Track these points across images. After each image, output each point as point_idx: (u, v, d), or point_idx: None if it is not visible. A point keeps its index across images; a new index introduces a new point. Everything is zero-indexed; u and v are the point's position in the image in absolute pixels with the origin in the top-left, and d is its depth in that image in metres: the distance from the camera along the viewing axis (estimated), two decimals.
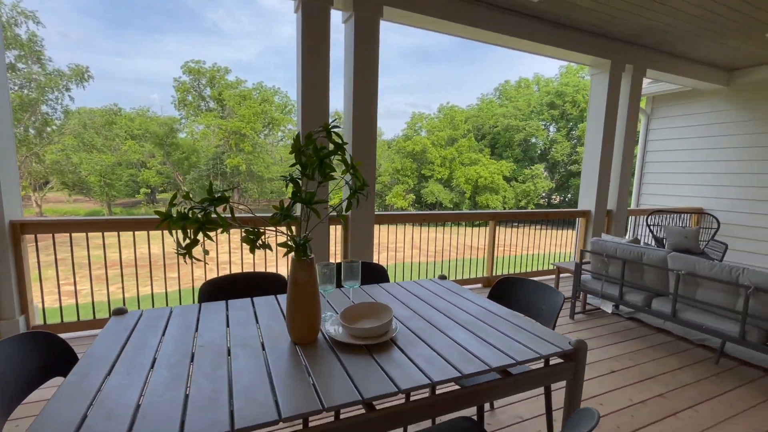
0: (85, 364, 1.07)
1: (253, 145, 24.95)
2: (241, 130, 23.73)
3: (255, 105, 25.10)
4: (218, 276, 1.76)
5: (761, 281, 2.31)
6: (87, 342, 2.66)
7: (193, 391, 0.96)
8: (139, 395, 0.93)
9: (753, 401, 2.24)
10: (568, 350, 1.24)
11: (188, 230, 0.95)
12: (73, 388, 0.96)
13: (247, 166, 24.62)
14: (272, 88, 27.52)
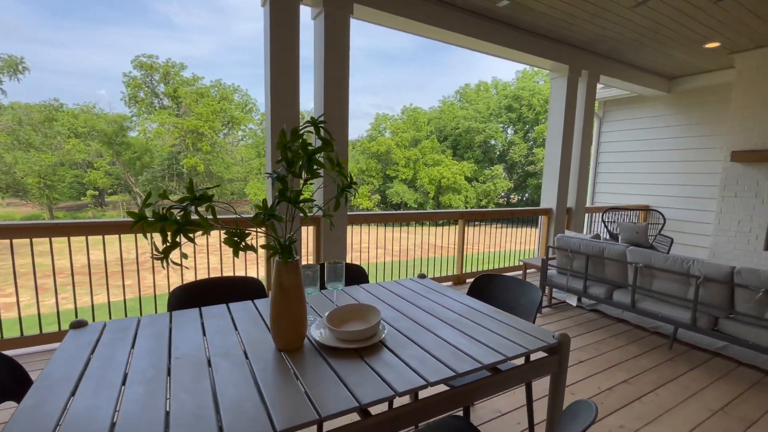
0: (43, 386, 0.95)
1: (212, 144, 23.93)
2: (199, 128, 22.68)
3: (213, 103, 24.09)
4: (189, 281, 1.64)
5: (709, 271, 2.52)
6: (35, 360, 2.41)
7: (174, 407, 0.88)
8: (112, 416, 0.84)
9: (705, 382, 2.43)
10: (553, 344, 1.27)
11: (167, 233, 0.87)
12: (32, 414, 0.84)
13: (205, 167, 23.57)
14: (232, 85, 26.56)
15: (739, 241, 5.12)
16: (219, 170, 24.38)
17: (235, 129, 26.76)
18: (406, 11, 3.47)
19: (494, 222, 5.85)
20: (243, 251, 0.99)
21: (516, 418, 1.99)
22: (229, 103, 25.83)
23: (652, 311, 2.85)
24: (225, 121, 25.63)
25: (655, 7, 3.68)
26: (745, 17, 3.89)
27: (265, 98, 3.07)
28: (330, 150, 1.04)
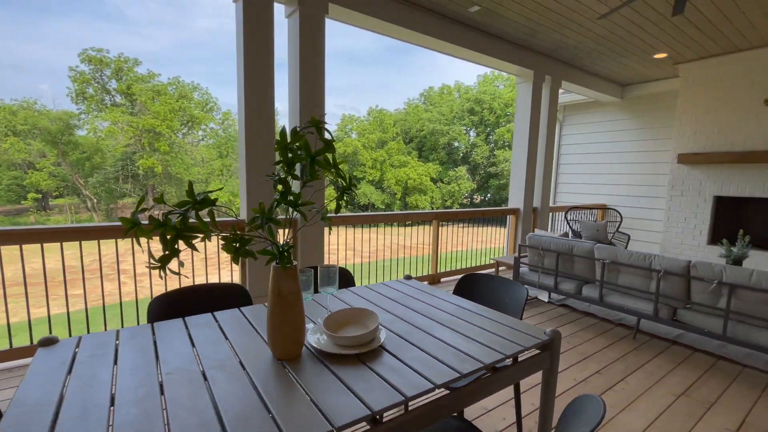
0: (17, 414, 0.85)
1: (170, 144, 22.76)
2: (156, 128, 21.49)
3: (171, 101, 22.93)
4: (169, 290, 1.55)
5: (668, 266, 2.71)
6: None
7: (174, 427, 0.82)
8: None
9: (667, 368, 2.61)
10: (545, 340, 1.31)
11: (168, 240, 0.81)
12: None
13: (163, 168, 22.38)
14: (191, 83, 25.40)
15: (685, 236, 5.56)
16: (178, 171, 23.24)
17: (195, 129, 25.62)
18: (382, 13, 3.47)
19: (460, 222, 5.98)
20: (244, 257, 0.94)
21: (502, 414, 2.04)
22: (189, 101, 24.70)
23: (618, 304, 3.02)
24: (184, 120, 24.49)
25: (612, 18, 3.92)
26: (689, 31, 4.24)
27: (238, 97, 2.96)
28: (332, 151, 1.01)
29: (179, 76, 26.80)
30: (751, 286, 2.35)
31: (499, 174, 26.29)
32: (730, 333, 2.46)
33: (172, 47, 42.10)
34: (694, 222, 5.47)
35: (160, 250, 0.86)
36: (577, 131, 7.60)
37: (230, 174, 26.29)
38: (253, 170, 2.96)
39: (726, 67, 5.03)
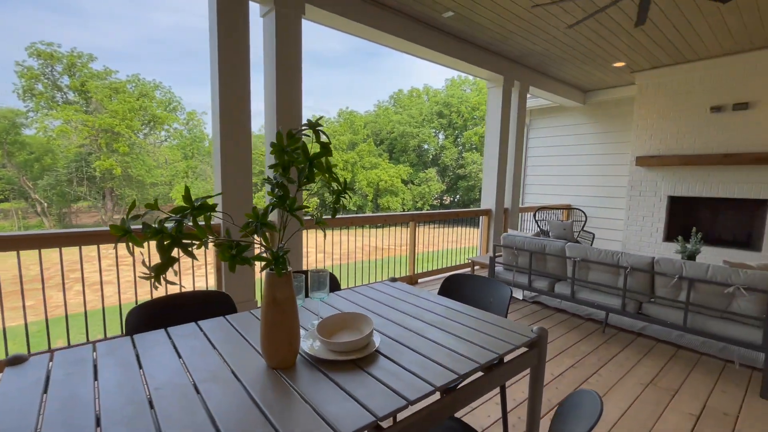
0: None
1: (130, 145, 21.62)
2: (114, 127, 20.36)
3: (131, 100, 21.81)
4: (149, 299, 1.46)
5: (634, 262, 2.87)
6: None
7: None
8: None
9: (635, 359, 2.76)
10: (533, 338, 1.36)
11: (165, 248, 0.77)
12: None
13: (123, 170, 21.22)
14: (152, 81, 24.27)
15: (644, 234, 5.92)
16: (139, 173, 22.12)
17: (157, 129, 24.48)
18: (359, 16, 3.47)
19: (432, 223, 6.06)
20: (240, 264, 0.91)
21: (486, 411, 2.08)
22: (150, 100, 23.59)
23: (588, 300, 3.17)
24: (145, 120, 23.35)
25: (577, 28, 4.12)
26: (644, 42, 4.53)
27: (212, 97, 2.86)
28: (329, 154, 1.00)
29: (139, 74, 25.54)
30: (708, 279, 2.54)
31: (468, 176, 26.89)
32: (690, 324, 2.64)
33: (130, 43, 39.98)
34: (651, 220, 5.84)
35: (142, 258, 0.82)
36: (543, 135, 7.92)
37: (196, 176, 25.32)
38: (228, 172, 2.87)
39: (676, 76, 5.42)
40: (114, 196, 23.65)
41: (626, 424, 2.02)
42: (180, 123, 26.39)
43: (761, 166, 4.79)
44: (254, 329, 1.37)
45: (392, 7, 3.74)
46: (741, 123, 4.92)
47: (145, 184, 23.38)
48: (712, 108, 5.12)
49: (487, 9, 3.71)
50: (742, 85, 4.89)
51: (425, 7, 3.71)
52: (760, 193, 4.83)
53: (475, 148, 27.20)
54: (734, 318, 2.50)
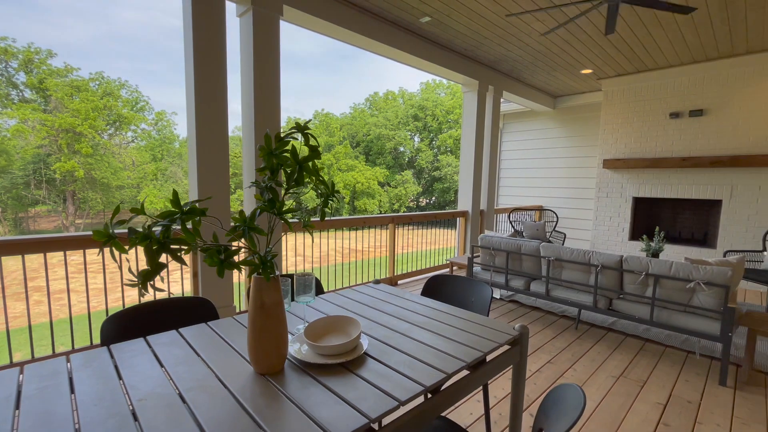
0: None
1: (94, 146, 20.60)
2: (76, 127, 19.35)
3: (94, 99, 20.80)
4: (125, 307, 1.40)
5: (604, 261, 3.01)
6: None
7: None
8: None
9: (606, 353, 2.89)
10: (516, 336, 1.40)
11: (153, 254, 0.74)
12: None
13: (86, 172, 20.20)
14: (117, 80, 23.26)
15: (611, 233, 6.20)
16: (104, 176, 21.12)
17: (123, 129, 23.44)
18: (338, 18, 3.47)
19: (408, 225, 6.12)
20: (229, 269, 0.89)
21: (468, 409, 2.12)
22: (115, 99, 22.57)
23: (562, 298, 3.29)
24: (110, 119, 22.32)
25: (548, 36, 4.28)
26: (610, 51, 4.76)
27: (187, 98, 2.78)
28: (318, 158, 1.00)
29: (103, 72, 24.44)
30: (671, 275, 2.69)
31: (443, 178, 27.25)
32: (656, 318, 2.79)
33: (92, 39, 38.12)
34: (618, 220, 6.12)
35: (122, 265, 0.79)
36: (516, 138, 8.16)
37: (166, 178, 24.40)
38: (205, 175, 2.79)
39: (639, 83, 5.72)
40: (76, 199, 22.45)
41: (600, 416, 2.11)
42: (148, 123, 25.41)
43: (716, 169, 5.12)
44: (239, 335, 1.34)
45: (371, 11, 3.76)
46: (697, 128, 5.24)
47: (111, 186, 22.33)
48: (671, 114, 5.43)
49: (462, 15, 3.79)
50: (697, 93, 5.22)
51: (403, 12, 3.76)
52: (714, 194, 5.16)
53: (450, 151, 27.64)
54: (695, 311, 2.66)
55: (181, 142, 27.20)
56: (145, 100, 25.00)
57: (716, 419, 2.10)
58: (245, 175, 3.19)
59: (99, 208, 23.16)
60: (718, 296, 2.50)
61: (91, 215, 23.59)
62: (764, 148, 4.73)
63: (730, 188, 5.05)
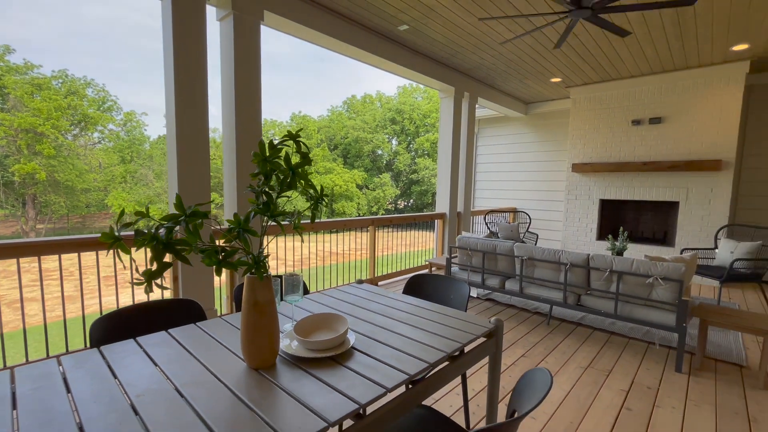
0: None
1: (57, 147, 19.65)
2: (37, 128, 18.41)
3: (58, 97, 19.86)
4: (114, 309, 1.42)
5: (573, 259, 3.20)
6: None
7: None
8: None
9: (575, 346, 3.07)
10: (491, 328, 1.51)
11: (160, 254, 0.79)
12: None
13: (49, 174, 19.23)
14: (83, 78, 22.30)
15: (580, 234, 6.51)
16: (68, 178, 20.16)
17: (89, 130, 22.46)
18: (318, 25, 3.53)
19: (387, 227, 6.22)
20: (227, 269, 0.95)
21: (448, 402, 2.23)
22: (80, 98, 21.62)
23: (535, 295, 3.46)
24: (75, 120, 21.35)
25: (520, 46, 4.49)
26: (576, 61, 5.03)
27: (167, 101, 2.77)
28: (309, 164, 1.07)
29: (66, 69, 23.29)
30: (633, 272, 2.90)
31: (421, 181, 27.57)
32: (619, 312, 2.99)
33: (55, 36, 36.34)
34: (586, 221, 6.44)
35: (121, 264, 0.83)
36: (491, 143, 8.42)
37: (135, 181, 23.53)
38: (185, 177, 2.78)
39: (604, 92, 6.06)
40: (37, 203, 21.31)
41: (570, 403, 2.26)
42: (116, 124, 24.45)
43: (673, 173, 5.49)
44: (228, 334, 1.39)
45: (351, 18, 3.84)
46: (656, 135, 5.61)
47: (76, 189, 21.34)
48: (633, 121, 5.79)
49: (438, 24, 3.94)
50: (656, 102, 5.58)
51: (382, 20, 3.86)
52: (672, 196, 5.53)
53: (428, 154, 27.99)
54: (654, 305, 2.88)
55: (152, 144, 26.33)
56: (113, 100, 24.07)
57: (672, 402, 2.29)
58: (226, 177, 3.20)
59: (63, 212, 22.08)
60: (674, 290, 2.72)
61: (54, 219, 22.43)
62: (715, 154, 5.12)
63: (686, 191, 5.43)
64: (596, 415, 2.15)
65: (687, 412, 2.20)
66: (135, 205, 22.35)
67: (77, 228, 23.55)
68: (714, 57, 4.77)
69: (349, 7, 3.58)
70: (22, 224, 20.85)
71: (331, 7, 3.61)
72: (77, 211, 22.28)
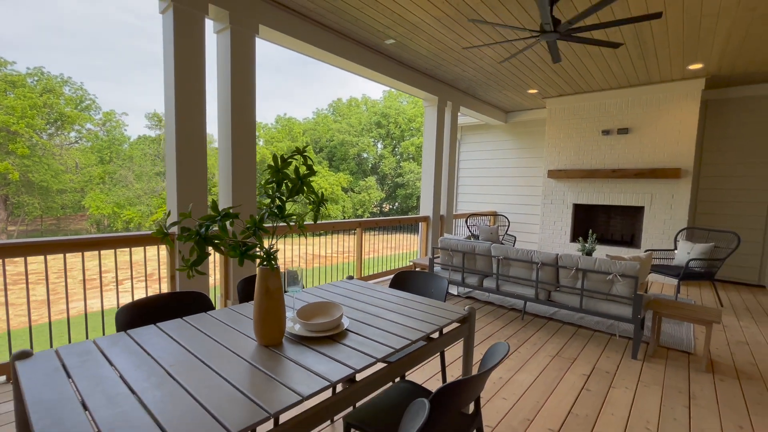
0: (41, 410, 0.94)
1: (32, 147, 19.13)
2: (10, 126, 17.90)
3: (33, 95, 19.36)
4: (135, 299, 1.60)
5: (543, 258, 3.50)
6: None
7: (204, 399, 1.01)
8: (152, 418, 0.93)
9: (545, 338, 3.36)
10: (465, 315, 1.75)
11: (205, 247, 1.00)
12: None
13: (22, 174, 18.70)
14: (59, 76, 21.79)
15: (555, 236, 6.89)
16: (43, 179, 19.64)
17: (65, 129, 21.92)
18: (309, 37, 3.75)
19: (373, 230, 6.45)
20: (249, 260, 1.16)
21: (433, 385, 2.46)
22: (57, 96, 21.10)
23: (510, 291, 3.75)
24: (51, 118, 20.82)
25: (497, 59, 4.80)
26: (551, 75, 5.39)
27: (166, 109, 2.94)
28: (314, 174, 1.29)
29: (42, 67, 22.69)
30: (596, 269, 3.21)
31: (406, 184, 27.91)
32: (584, 306, 3.30)
33: (28, 31, 35.23)
34: (561, 225, 6.82)
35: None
36: (472, 149, 8.76)
37: (114, 182, 23.04)
38: (184, 181, 2.94)
39: (576, 103, 6.46)
40: (9, 204, 20.65)
41: (538, 386, 2.53)
42: (95, 123, 23.93)
43: (639, 180, 5.92)
44: (237, 321, 1.59)
45: (340, 31, 4.07)
46: (624, 144, 6.03)
47: (51, 190, 20.77)
48: (603, 131, 6.20)
49: (423, 40, 4.21)
50: (624, 114, 6.01)
51: (370, 35, 4.11)
52: (638, 201, 5.95)
53: (413, 158, 28.35)
54: (614, 299, 3.19)
55: (132, 144, 25.82)
56: (92, 99, 23.57)
57: (626, 384, 2.59)
58: (221, 182, 3.36)
59: (36, 213, 21.43)
60: (630, 286, 3.04)
61: (27, 221, 21.75)
62: (675, 163, 5.56)
63: (650, 196, 5.85)
64: (559, 395, 2.43)
65: (638, 391, 2.50)
66: (113, 207, 21.88)
67: (51, 230, 22.85)
68: (673, 74, 5.20)
69: (339, 22, 3.82)
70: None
71: (322, 22, 3.84)
72: (52, 212, 21.66)
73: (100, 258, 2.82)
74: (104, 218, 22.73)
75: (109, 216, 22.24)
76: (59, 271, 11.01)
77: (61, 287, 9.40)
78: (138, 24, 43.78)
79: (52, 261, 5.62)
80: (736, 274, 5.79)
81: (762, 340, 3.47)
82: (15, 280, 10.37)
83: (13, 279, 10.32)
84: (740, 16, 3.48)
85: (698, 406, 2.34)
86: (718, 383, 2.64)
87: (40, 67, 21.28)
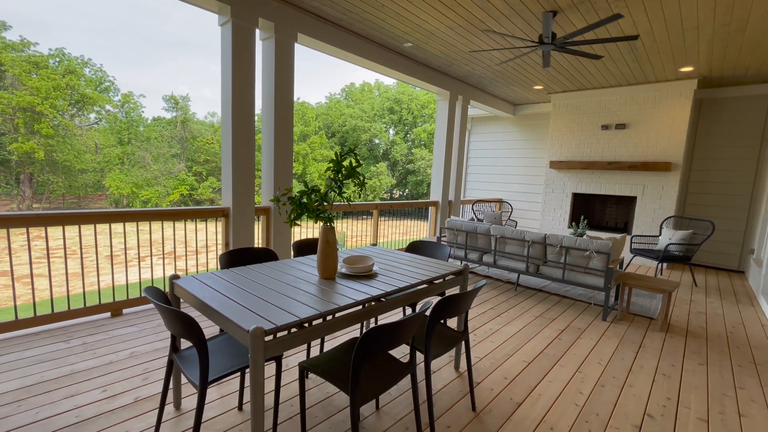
0: (237, 307, 1.61)
1: (55, 127, 19.94)
2: (35, 107, 18.68)
3: (56, 76, 20.05)
4: (232, 249, 2.26)
5: (533, 237, 4.11)
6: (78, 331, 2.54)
7: (288, 303, 1.67)
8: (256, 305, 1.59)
9: (533, 304, 4.00)
10: (461, 268, 2.39)
11: (303, 209, 1.64)
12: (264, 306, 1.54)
13: (46, 154, 19.54)
14: (80, 57, 22.43)
15: (555, 222, 7.45)
16: (67, 159, 20.50)
17: (86, 110, 22.71)
18: (338, 42, 4.32)
19: (384, 215, 7.05)
20: (321, 221, 1.80)
21: None
22: (78, 78, 21.78)
23: (505, 266, 4.38)
24: (73, 99, 21.58)
25: (504, 59, 5.32)
26: (554, 74, 5.88)
27: (223, 108, 3.56)
28: (359, 167, 1.91)
29: (64, 48, 23.37)
30: (576, 247, 3.81)
31: (417, 171, 28.32)
32: (567, 278, 3.92)
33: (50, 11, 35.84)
34: (560, 212, 7.38)
35: None
36: (481, 139, 9.27)
37: (133, 163, 23.90)
38: (239, 170, 3.59)
39: (578, 99, 6.93)
40: (34, 182, 21.58)
41: (519, 336, 3.17)
42: (114, 105, 24.66)
43: (633, 172, 6.42)
44: (300, 265, 2.25)
45: (365, 36, 4.63)
46: (621, 139, 6.52)
47: (74, 170, 21.61)
48: (602, 126, 6.68)
49: (437, 44, 4.74)
50: (622, 111, 6.48)
51: (391, 39, 4.66)
52: (631, 192, 6.47)
53: (424, 145, 28.64)
54: (591, 272, 3.80)
55: (148, 126, 26.51)
56: (111, 80, 24.25)
57: (591, 336, 3.23)
58: (264, 170, 4.00)
59: (61, 192, 22.38)
60: (603, 261, 3.64)
61: (52, 199, 22.75)
62: (666, 157, 6.05)
63: (642, 187, 6.37)
64: (536, 341, 3.08)
65: (600, 342, 3.13)
66: (132, 187, 22.74)
67: (73, 208, 23.92)
68: (667, 75, 5.66)
69: (364, 29, 4.37)
70: (18, 203, 21.19)
71: (350, 29, 4.39)
72: (74, 191, 22.56)
73: (163, 230, 3.49)
74: (123, 198, 23.61)
75: (128, 195, 23.13)
76: (86, 246, 11.86)
77: (93, 259, 10.23)
78: (154, 7, 44.09)
79: (84, 233, 6.41)
80: (719, 260, 6.33)
81: (720, 312, 4.06)
82: (52, 253, 11.23)
83: (50, 251, 11.18)
84: (717, 30, 3.95)
85: (645, 351, 2.98)
86: (667, 339, 3.26)
87: (61, 49, 21.92)
